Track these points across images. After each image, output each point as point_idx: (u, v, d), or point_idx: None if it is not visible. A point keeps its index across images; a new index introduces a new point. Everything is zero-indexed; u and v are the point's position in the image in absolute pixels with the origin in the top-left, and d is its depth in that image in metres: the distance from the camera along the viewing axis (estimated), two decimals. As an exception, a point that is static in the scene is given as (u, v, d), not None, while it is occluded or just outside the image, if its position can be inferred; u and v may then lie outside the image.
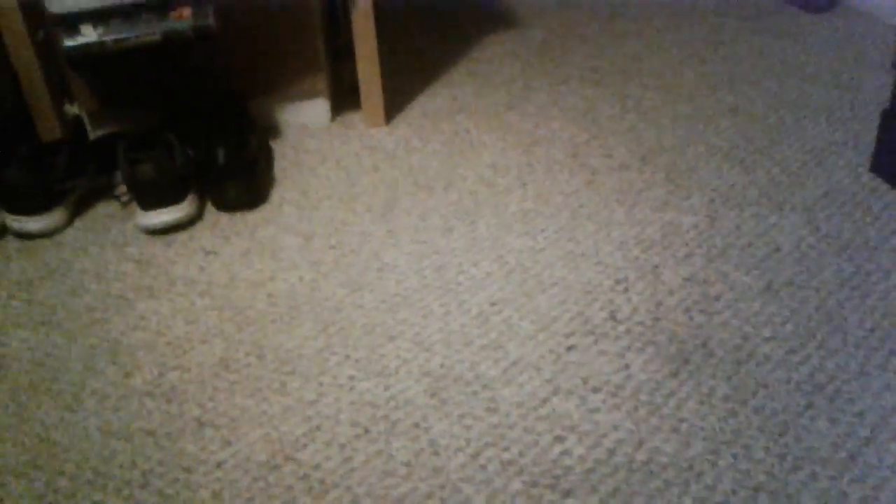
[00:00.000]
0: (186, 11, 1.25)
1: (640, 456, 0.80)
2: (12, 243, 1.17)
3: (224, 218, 1.21)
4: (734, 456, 0.79)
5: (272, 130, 1.45)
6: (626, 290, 1.02)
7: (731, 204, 1.16)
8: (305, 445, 0.83)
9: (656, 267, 1.06)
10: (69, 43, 1.20)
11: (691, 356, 0.91)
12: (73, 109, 1.40)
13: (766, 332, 0.94)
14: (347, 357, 0.94)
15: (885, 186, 1.17)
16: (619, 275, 1.05)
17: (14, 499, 0.79)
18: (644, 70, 1.56)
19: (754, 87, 1.46)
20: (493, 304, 1.01)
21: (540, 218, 1.16)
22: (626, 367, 0.91)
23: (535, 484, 0.78)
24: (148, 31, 1.22)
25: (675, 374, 0.89)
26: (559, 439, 0.82)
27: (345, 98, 1.52)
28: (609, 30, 1.73)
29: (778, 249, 1.07)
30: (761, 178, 1.21)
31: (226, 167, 1.22)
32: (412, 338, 0.97)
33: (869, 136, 1.28)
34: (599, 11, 1.83)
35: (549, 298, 1.01)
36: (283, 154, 1.38)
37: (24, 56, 1.27)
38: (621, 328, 0.96)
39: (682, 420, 0.84)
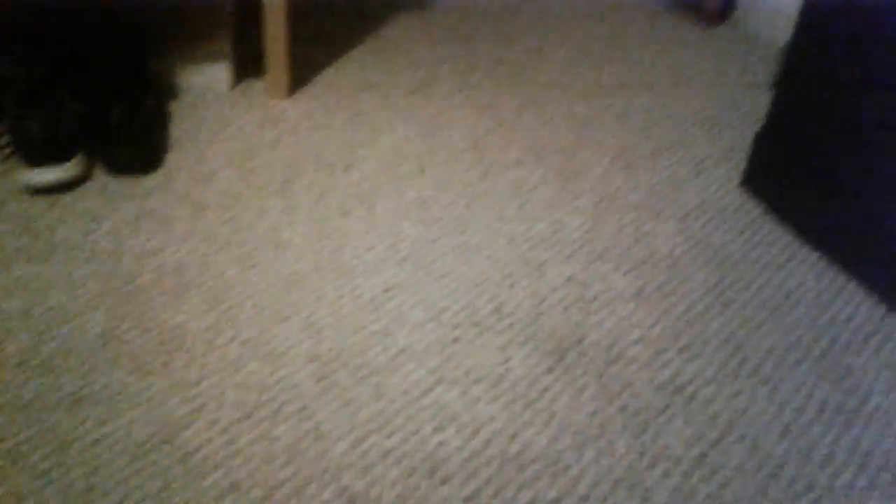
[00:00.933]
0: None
1: (513, 448, 0.85)
2: None
3: (114, 182, 1.18)
4: (598, 451, 0.86)
5: (170, 92, 1.40)
6: (512, 285, 1.07)
7: (615, 207, 1.23)
8: (187, 426, 0.83)
9: (542, 264, 1.11)
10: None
11: (567, 353, 0.97)
12: (-51, 49, 1.31)
13: (636, 334, 1.01)
14: (234, 337, 0.95)
15: (752, 202, 1.26)
16: (507, 269, 1.09)
17: None
18: (544, 67, 1.60)
19: (644, 95, 1.54)
20: (385, 291, 1.04)
21: (436, 207, 1.19)
22: (507, 360, 0.96)
23: (412, 472, 0.81)
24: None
25: (550, 370, 0.95)
26: (439, 429, 0.86)
27: (248, 65, 1.49)
28: (516, 22, 1.77)
29: (653, 254, 1.14)
30: (643, 184, 1.29)
31: (119, 130, 1.18)
32: (303, 320, 0.98)
33: (743, 152, 1.38)
34: (507, 4, 1.86)
35: (440, 288, 1.05)
36: (180, 118, 1.34)
37: None
38: (505, 322, 1.01)
39: (553, 414, 0.90)
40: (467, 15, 1.78)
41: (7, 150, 1.19)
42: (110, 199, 1.14)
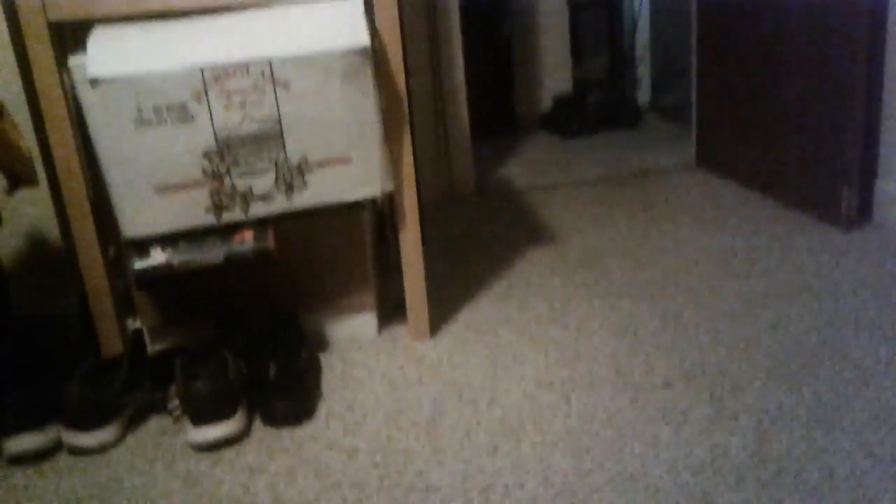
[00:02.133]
0: (248, 234, 1.35)
1: None
2: (64, 459, 1.19)
3: (271, 433, 1.23)
4: None
5: (320, 343, 1.49)
6: (677, 518, 0.99)
7: (780, 425, 1.15)
8: None
9: (707, 493, 1.03)
10: (139, 265, 1.29)
11: None
12: (133, 324, 1.48)
13: (831, 570, 0.89)
14: (390, 589, 0.91)
15: (938, 408, 1.15)
16: (670, 500, 1.02)
17: None
18: (682, 285, 1.60)
19: (792, 304, 1.49)
20: (540, 532, 0.99)
21: (585, 436, 1.16)
22: None
23: None
24: (212, 253, 1.32)
25: None
26: None
27: (391, 311, 1.58)
28: (645, 245, 1.81)
29: (832, 475, 1.04)
30: (808, 397, 1.20)
31: (276, 383, 1.25)
32: (457, 568, 0.94)
33: (915, 354, 1.28)
34: (634, 228, 1.92)
35: (598, 526, 0.99)
36: (331, 367, 1.41)
37: (96, 275, 1.36)
38: (675, 562, 0.92)
39: None
40: (596, 243, 1.84)
41: (177, 413, 1.28)
42: (268, 451, 1.19)
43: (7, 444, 1.18)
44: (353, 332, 1.52)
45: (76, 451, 1.20)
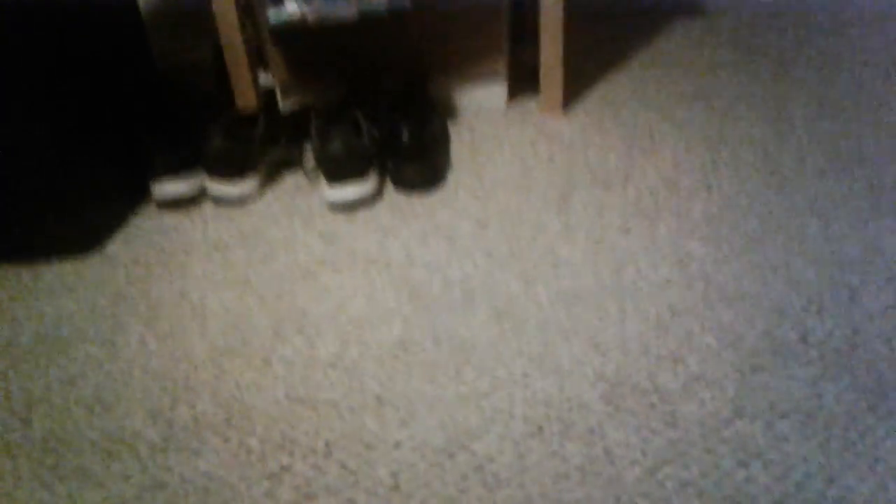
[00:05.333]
0: (382, -9, 1.28)
1: (832, 492, 0.76)
2: (209, 208, 1.25)
3: (403, 199, 1.24)
4: (941, 509, 0.73)
5: (448, 110, 1.46)
6: (819, 311, 0.96)
7: (944, 227, 1.07)
8: (479, 437, 0.84)
9: (854, 289, 0.99)
10: (274, 16, 1.26)
11: (891, 391, 0.85)
12: (267, 80, 1.47)
13: (982, 375, 0.86)
14: (521, 352, 0.95)
15: None
16: (812, 294, 0.99)
17: (212, 453, 0.85)
18: (844, 72, 1.45)
19: (975, 96, 1.33)
20: (672, 313, 0.98)
21: (726, 224, 1.12)
22: (819, 395, 0.86)
23: (716, 508, 0.75)
24: (346, 8, 1.26)
25: (872, 409, 0.83)
26: (742, 464, 0.79)
27: (522, 82, 1.51)
28: (805, 24, 1.62)
29: None
30: (980, 200, 1.11)
31: (408, 147, 1.24)
32: (587, 339, 0.96)
33: None
34: (794, 5, 1.72)
35: (734, 313, 0.97)
36: (459, 136, 1.39)
37: (229, 25, 1.34)
38: (814, 352, 0.91)
39: (878, 459, 0.78)
40: (751, 19, 1.67)
41: (313, 173, 1.31)
42: (400, 215, 1.21)
43: (156, 188, 1.24)
44: (482, 100, 1.47)
45: (218, 200, 1.26)
